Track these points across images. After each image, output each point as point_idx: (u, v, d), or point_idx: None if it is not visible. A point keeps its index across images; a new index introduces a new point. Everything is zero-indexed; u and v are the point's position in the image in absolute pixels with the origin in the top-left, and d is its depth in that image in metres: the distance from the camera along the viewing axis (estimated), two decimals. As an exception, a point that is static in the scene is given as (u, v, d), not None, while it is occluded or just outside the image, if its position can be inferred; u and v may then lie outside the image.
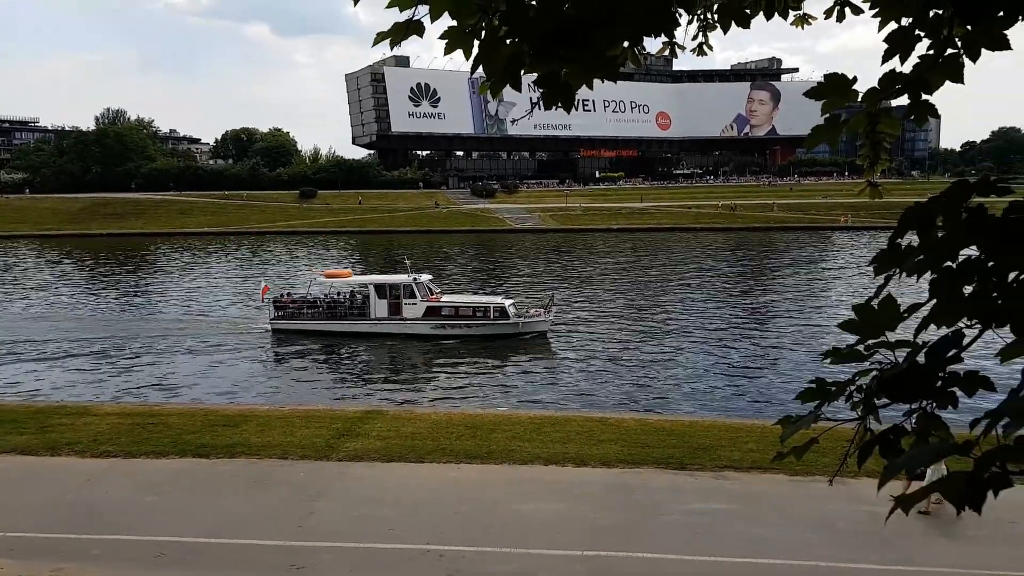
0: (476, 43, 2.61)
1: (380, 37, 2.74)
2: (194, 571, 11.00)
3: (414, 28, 2.69)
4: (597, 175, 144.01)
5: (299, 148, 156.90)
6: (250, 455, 15.53)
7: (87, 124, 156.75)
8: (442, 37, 2.64)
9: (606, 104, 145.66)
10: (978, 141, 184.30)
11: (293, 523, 12.40)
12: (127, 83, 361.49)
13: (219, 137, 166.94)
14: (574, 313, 37.96)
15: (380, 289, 32.92)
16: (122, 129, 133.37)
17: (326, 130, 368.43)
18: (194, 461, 15.31)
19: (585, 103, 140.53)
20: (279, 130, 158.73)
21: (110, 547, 11.71)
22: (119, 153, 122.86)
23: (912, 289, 2.10)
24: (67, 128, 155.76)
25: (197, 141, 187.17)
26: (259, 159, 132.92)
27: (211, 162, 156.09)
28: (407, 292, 32.44)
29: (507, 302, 32.38)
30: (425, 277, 34.09)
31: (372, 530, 12.14)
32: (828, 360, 2.26)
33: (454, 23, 2.62)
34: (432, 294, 33.44)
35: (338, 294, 34.61)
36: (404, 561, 11.18)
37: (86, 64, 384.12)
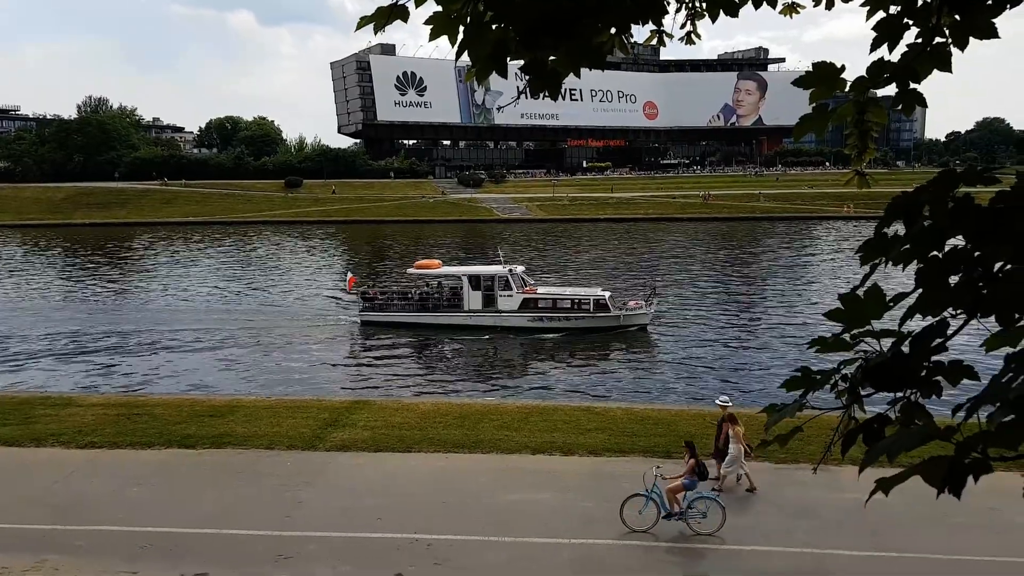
0: (462, 29, 2.58)
1: (363, 21, 2.70)
2: (180, 562, 10.96)
3: (398, 13, 2.66)
4: (584, 165, 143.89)
5: (284, 137, 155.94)
6: (236, 446, 15.48)
7: (69, 113, 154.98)
8: (427, 23, 2.61)
9: (593, 93, 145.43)
10: (963, 131, 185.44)
11: (280, 513, 12.38)
12: (110, 71, 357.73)
13: (203, 126, 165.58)
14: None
15: (474, 280, 31.76)
16: (105, 118, 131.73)
17: (311, 119, 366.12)
18: (180, 452, 15.24)
19: (572, 92, 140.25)
20: (264, 119, 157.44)
21: (94, 539, 11.65)
22: (102, 142, 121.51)
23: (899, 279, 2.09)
24: (49, 117, 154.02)
25: (181, 130, 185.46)
26: (244, 148, 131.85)
27: (195, 151, 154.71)
28: (502, 283, 31.33)
29: (606, 294, 31.26)
30: (519, 268, 32.95)
31: (359, 520, 12.14)
32: (814, 349, 2.26)
33: (439, 8, 2.59)
34: (527, 285, 32.19)
35: (427, 285, 33.47)
36: (391, 550, 11.20)
37: (68, 52, 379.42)
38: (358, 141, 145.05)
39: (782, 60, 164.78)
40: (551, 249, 65.27)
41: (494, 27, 2.54)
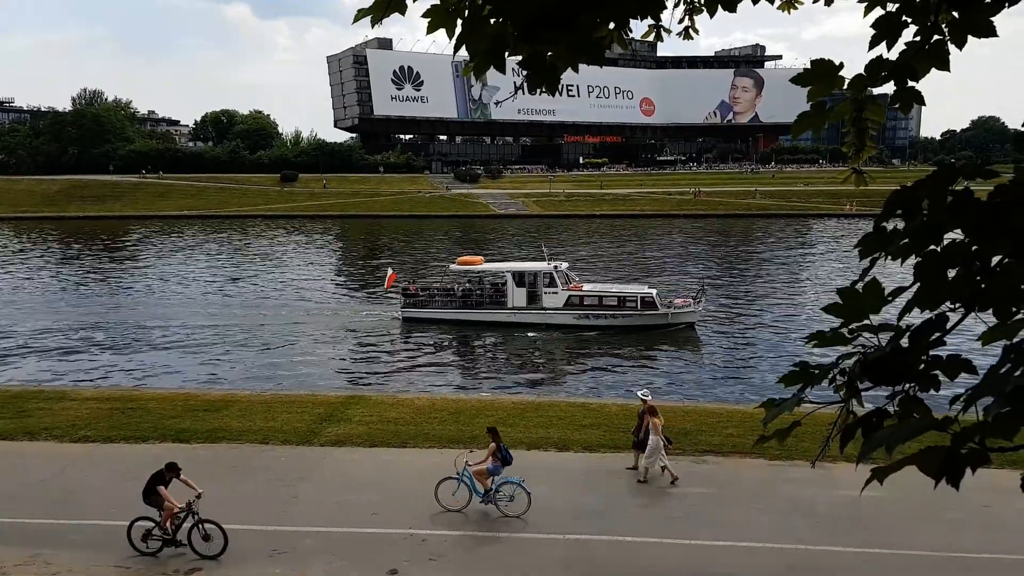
0: (459, 22, 2.57)
1: (361, 14, 2.69)
2: (173, 556, 10.96)
3: (396, 6, 2.65)
4: (581, 161, 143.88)
5: (280, 131, 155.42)
6: (231, 440, 15.46)
7: (64, 105, 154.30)
8: (425, 15, 2.60)
9: (590, 89, 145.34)
10: (959, 130, 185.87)
11: (274, 508, 12.38)
12: (105, 64, 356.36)
13: (198, 119, 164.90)
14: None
15: (518, 277, 31.09)
16: (99, 110, 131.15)
17: (307, 113, 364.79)
18: (174, 446, 15.21)
19: (569, 88, 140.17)
20: (260, 112, 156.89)
21: (88, 533, 11.64)
22: (96, 134, 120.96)
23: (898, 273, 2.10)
24: (43, 109, 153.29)
25: (176, 123, 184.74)
26: (239, 142, 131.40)
27: (191, 144, 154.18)
28: (547, 280, 30.77)
29: (653, 291, 30.72)
30: (564, 264, 32.34)
31: (354, 515, 12.15)
32: (812, 343, 2.27)
33: (437, 1, 2.58)
34: (571, 282, 31.67)
35: (468, 282, 32.77)
36: (386, 545, 11.20)
37: (63, 44, 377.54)
38: (354, 135, 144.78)
39: (779, 57, 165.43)
40: (549, 245, 65.20)
41: (492, 21, 2.54)
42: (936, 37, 2.57)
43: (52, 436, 15.74)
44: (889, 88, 2.83)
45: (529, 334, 29.89)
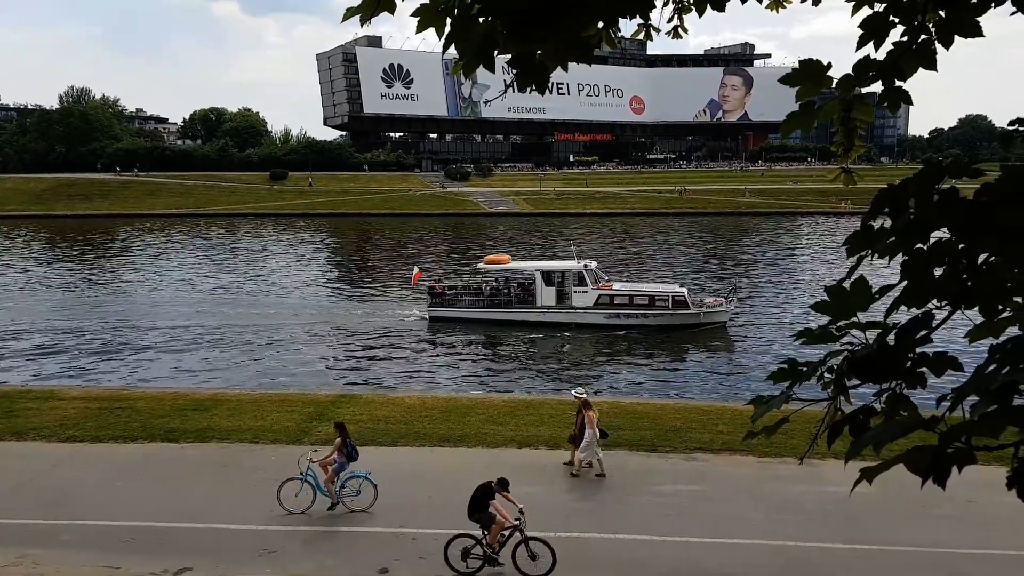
0: (449, 21, 2.57)
1: (350, 13, 2.69)
2: (163, 556, 10.90)
3: (385, 4, 2.64)
4: (571, 159, 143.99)
5: (269, 129, 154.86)
6: (220, 440, 15.40)
7: (51, 103, 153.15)
8: (414, 14, 2.60)
9: (580, 88, 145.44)
10: (946, 128, 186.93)
11: (264, 508, 12.33)
12: (92, 61, 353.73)
13: (187, 117, 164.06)
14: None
15: (547, 276, 30.73)
16: (87, 108, 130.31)
17: (297, 111, 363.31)
18: (163, 446, 15.15)
19: (559, 86, 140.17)
20: (249, 110, 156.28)
21: (78, 532, 11.58)
22: (84, 132, 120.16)
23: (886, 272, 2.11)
24: (30, 106, 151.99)
25: (165, 121, 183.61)
26: (228, 140, 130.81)
27: (179, 142, 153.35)
28: (577, 279, 30.39)
29: (684, 290, 30.38)
30: (593, 263, 31.94)
31: (344, 514, 12.13)
32: (800, 341, 2.28)
33: (426, 0, 2.58)
34: (600, 281, 31.21)
35: (495, 280, 32.44)
36: (376, 544, 11.20)
37: (50, 40, 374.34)
38: (344, 133, 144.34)
39: (768, 56, 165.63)
40: (542, 242, 65.28)
41: (481, 20, 2.53)
42: (923, 37, 2.59)
43: (40, 436, 15.64)
44: (877, 88, 2.85)
45: (564, 334, 29.44)
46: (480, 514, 10.46)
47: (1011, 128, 2.21)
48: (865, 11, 2.83)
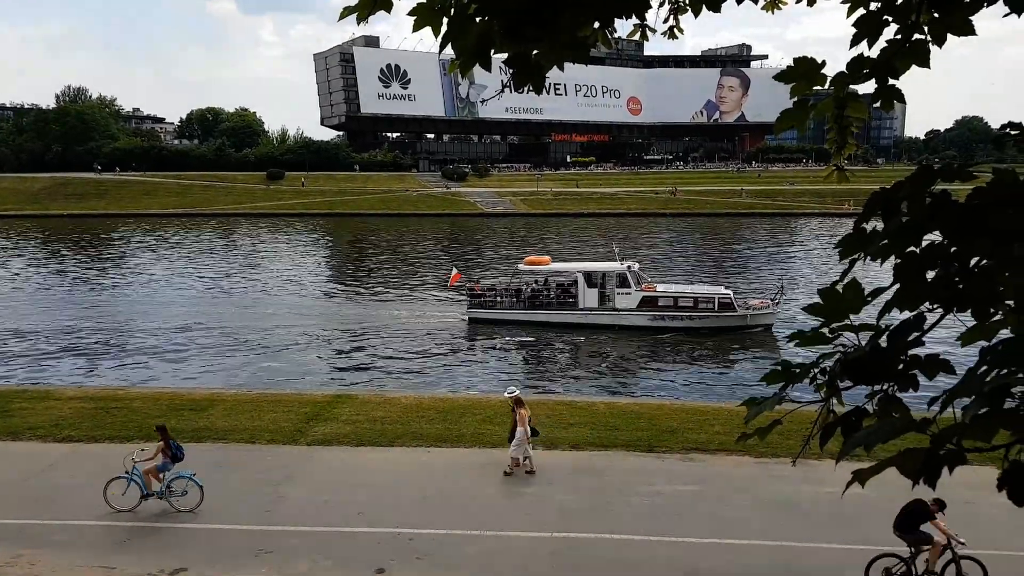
0: (445, 21, 2.57)
1: (346, 12, 2.69)
2: (159, 556, 10.89)
3: (381, 3, 2.64)
4: (568, 160, 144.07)
5: (266, 129, 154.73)
6: (217, 440, 15.37)
7: (47, 102, 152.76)
8: (411, 14, 2.60)
9: (577, 88, 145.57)
10: (942, 130, 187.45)
11: (260, 507, 12.32)
12: (89, 60, 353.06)
13: (184, 117, 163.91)
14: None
15: (590, 277, 30.29)
16: (84, 107, 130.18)
17: (294, 111, 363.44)
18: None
19: (557, 87, 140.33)
20: (246, 110, 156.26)
21: (72, 533, 11.55)
22: (81, 132, 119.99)
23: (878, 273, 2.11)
24: (27, 106, 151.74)
25: (162, 121, 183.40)
26: (225, 139, 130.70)
27: (176, 142, 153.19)
28: (620, 281, 29.90)
29: (730, 292, 30.13)
30: (636, 264, 31.53)
31: (341, 514, 12.11)
32: (794, 343, 2.28)
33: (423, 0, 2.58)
34: (643, 282, 30.73)
35: (536, 282, 31.97)
36: (373, 545, 11.18)
37: (46, 39, 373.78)
38: (341, 134, 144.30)
39: (765, 57, 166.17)
40: (537, 243, 65.32)
41: (478, 19, 2.54)
42: (917, 36, 2.60)
43: (36, 436, 15.60)
44: (872, 87, 2.86)
45: (607, 336, 29.05)
46: (913, 534, 10.09)
47: (1004, 131, 2.22)
48: (861, 12, 2.84)
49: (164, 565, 10.63)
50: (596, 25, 2.69)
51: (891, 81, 2.70)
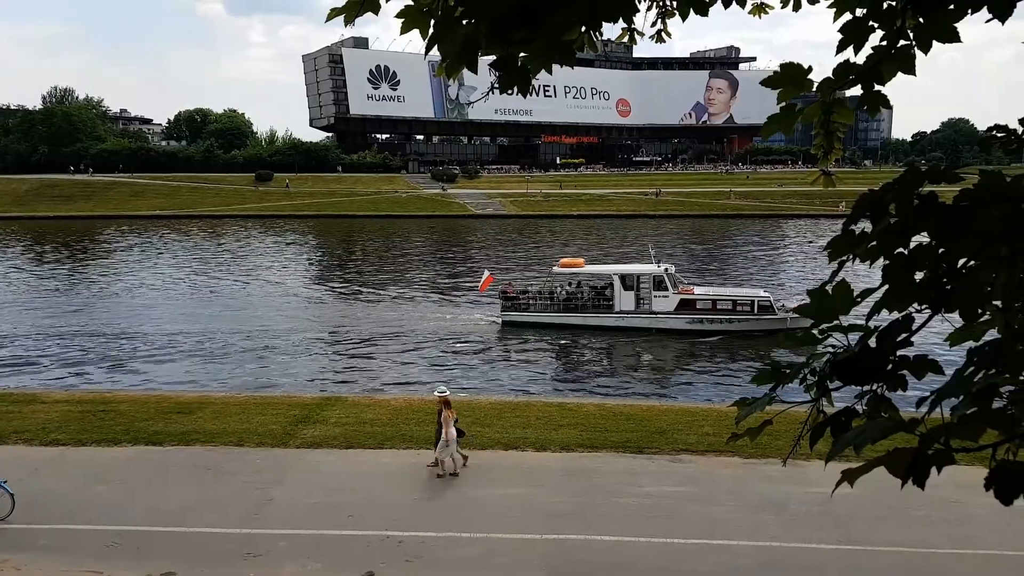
0: (432, 23, 2.57)
1: (334, 13, 2.69)
2: (147, 561, 10.81)
3: (369, 5, 2.64)
4: (558, 161, 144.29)
5: (255, 130, 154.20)
6: (205, 442, 15.28)
7: (33, 103, 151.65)
8: (399, 16, 2.60)
9: (567, 90, 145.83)
10: (929, 132, 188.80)
11: (249, 511, 12.26)
12: (75, 61, 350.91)
13: (172, 118, 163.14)
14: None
15: (626, 280, 29.85)
16: (70, 108, 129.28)
17: (283, 112, 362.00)
18: (147, 449, 15.01)
19: (546, 88, 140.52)
20: (234, 111, 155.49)
21: (59, 537, 11.45)
22: (67, 133, 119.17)
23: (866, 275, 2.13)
24: (12, 107, 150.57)
25: (149, 122, 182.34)
26: (213, 141, 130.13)
27: (164, 143, 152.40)
28: (657, 283, 29.47)
29: (769, 295, 29.77)
30: (672, 267, 31.06)
31: (330, 517, 12.07)
32: (784, 343, 2.30)
33: (411, 2, 2.58)
34: (680, 285, 30.34)
35: (569, 284, 31.49)
36: (362, 547, 11.14)
37: (30, 39, 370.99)
38: (330, 135, 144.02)
39: (753, 59, 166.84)
40: (529, 245, 65.36)
41: (464, 22, 2.54)
42: (902, 42, 2.61)
43: (22, 439, 15.47)
44: (858, 91, 2.88)
45: (644, 339, 28.69)
46: None
47: (989, 133, 2.24)
48: (846, 16, 2.86)
49: (151, 569, 10.56)
50: (583, 28, 2.70)
51: (877, 87, 2.71)
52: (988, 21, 2.45)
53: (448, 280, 45.00)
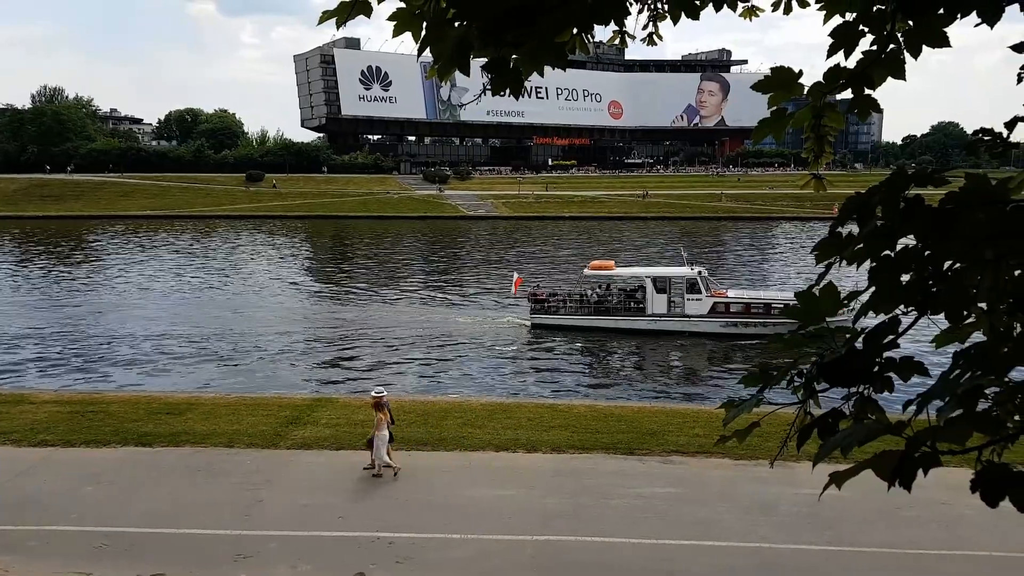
0: (424, 25, 2.57)
1: (325, 15, 2.68)
2: (136, 562, 10.75)
3: (360, 7, 2.64)
4: (550, 163, 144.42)
5: (246, 130, 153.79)
6: (195, 444, 15.22)
7: (23, 102, 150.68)
8: (391, 19, 2.60)
9: (559, 92, 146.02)
10: (919, 135, 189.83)
11: (239, 512, 12.21)
12: (65, 60, 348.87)
13: (162, 118, 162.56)
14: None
15: (659, 282, 29.59)
16: (60, 108, 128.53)
17: (274, 112, 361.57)
18: (136, 450, 14.94)
19: (538, 90, 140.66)
20: (225, 111, 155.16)
21: (47, 539, 11.38)
22: (57, 133, 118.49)
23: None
24: (1, 106, 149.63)
25: (139, 121, 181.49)
26: (204, 141, 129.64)
27: (154, 143, 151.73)
28: (690, 286, 29.18)
29: None
30: (705, 270, 30.84)
31: (320, 518, 12.03)
32: (772, 345, 2.31)
33: (402, 4, 2.58)
34: (713, 288, 30.06)
35: (599, 287, 31.30)
36: (353, 548, 11.12)
37: (20, 38, 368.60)
38: (322, 135, 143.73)
39: (744, 62, 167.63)
40: (522, 246, 65.37)
41: (456, 24, 2.54)
42: (892, 47, 2.63)
43: (9, 440, 15.36)
44: (848, 94, 2.89)
45: (679, 343, 28.51)
46: None
47: (976, 137, 2.26)
48: (837, 20, 2.88)
49: (141, 570, 10.51)
50: (575, 31, 2.71)
51: (867, 91, 2.73)
52: (977, 25, 2.48)
53: (452, 281, 44.99)
